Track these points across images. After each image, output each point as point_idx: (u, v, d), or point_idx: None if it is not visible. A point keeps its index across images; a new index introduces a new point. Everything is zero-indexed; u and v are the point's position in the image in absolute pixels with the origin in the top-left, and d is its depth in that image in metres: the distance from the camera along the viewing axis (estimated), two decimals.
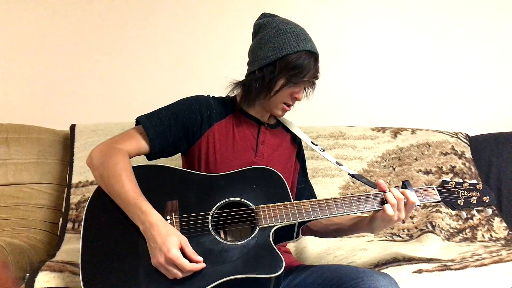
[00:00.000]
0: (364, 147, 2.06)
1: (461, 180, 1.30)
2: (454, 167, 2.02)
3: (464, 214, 1.31)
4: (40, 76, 2.16)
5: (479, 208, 1.30)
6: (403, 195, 1.19)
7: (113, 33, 2.21)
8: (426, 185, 1.57)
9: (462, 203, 1.27)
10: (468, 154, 2.08)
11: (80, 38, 2.19)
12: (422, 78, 2.39)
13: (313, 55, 1.27)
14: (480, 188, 1.29)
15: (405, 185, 1.25)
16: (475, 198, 1.27)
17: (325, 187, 1.86)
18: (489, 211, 1.32)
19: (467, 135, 2.17)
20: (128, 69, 2.22)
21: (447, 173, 2.00)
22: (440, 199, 1.26)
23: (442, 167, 2.02)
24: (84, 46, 2.19)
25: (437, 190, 1.27)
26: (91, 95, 2.19)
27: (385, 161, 2.04)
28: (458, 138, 2.12)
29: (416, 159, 2.04)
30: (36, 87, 2.15)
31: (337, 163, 1.40)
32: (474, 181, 1.31)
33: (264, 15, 1.36)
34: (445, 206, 1.90)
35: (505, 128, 2.22)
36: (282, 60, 1.24)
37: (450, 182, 1.29)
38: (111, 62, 2.21)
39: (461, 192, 1.28)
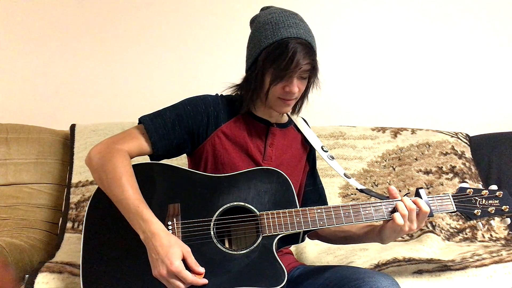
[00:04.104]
0: (364, 147, 2.06)
1: (480, 186, 1.19)
2: (454, 167, 2.01)
3: (480, 225, 1.20)
4: (40, 76, 2.16)
5: (497, 218, 1.20)
6: (415, 204, 1.11)
7: (113, 33, 2.21)
8: (440, 194, 1.39)
9: (479, 214, 1.17)
10: (468, 154, 2.08)
11: (80, 38, 2.19)
12: (422, 78, 2.39)
13: (293, 41, 1.11)
14: (500, 196, 1.18)
15: (418, 193, 1.16)
16: (494, 207, 1.16)
17: (325, 187, 1.84)
18: (508, 220, 1.19)
19: (467, 135, 2.17)
20: (129, 69, 2.21)
21: (447, 173, 2.00)
22: (455, 209, 1.17)
23: (442, 167, 2.02)
24: (84, 46, 2.19)
25: (453, 199, 1.18)
26: (91, 95, 2.18)
27: (385, 161, 2.04)
28: (458, 138, 2.12)
29: (416, 159, 2.04)
30: (36, 87, 2.15)
31: (345, 175, 1.32)
32: (494, 187, 1.20)
33: (261, 9, 1.27)
34: (460, 217, 1.87)
35: (505, 128, 2.23)
36: (261, 55, 1.15)
37: (468, 190, 1.19)
38: (111, 62, 2.20)
39: (479, 201, 1.17)
